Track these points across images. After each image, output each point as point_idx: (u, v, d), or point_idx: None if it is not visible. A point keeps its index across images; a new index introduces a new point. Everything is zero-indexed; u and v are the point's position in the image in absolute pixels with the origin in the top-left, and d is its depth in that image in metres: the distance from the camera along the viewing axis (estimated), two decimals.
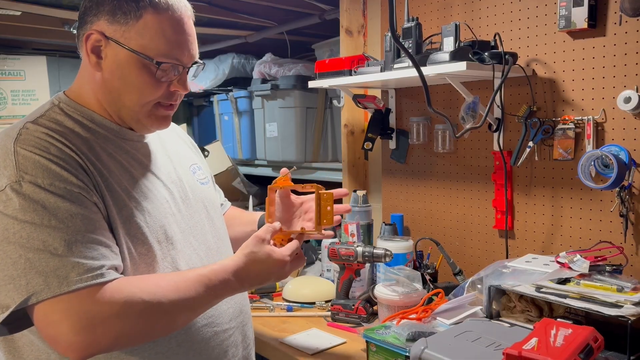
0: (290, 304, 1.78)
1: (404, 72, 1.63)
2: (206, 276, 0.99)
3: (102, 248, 0.91)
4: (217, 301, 1.05)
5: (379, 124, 2.01)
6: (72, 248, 0.87)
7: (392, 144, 2.10)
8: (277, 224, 1.13)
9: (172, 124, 1.20)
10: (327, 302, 1.77)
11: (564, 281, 1.28)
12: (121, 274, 0.95)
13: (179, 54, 1.01)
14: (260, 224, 1.37)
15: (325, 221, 1.17)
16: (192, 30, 1.03)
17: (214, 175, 2.98)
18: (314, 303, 1.79)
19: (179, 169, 1.18)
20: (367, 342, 1.33)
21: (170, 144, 1.21)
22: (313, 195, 1.21)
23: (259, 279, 1.06)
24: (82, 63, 1.06)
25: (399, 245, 1.74)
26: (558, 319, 1.21)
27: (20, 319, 0.87)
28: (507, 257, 1.71)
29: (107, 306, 0.87)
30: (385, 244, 1.74)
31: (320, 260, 2.16)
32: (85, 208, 0.91)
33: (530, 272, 1.37)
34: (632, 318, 1.10)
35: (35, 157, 0.89)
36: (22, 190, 0.86)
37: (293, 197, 1.30)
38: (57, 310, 0.84)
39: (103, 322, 0.86)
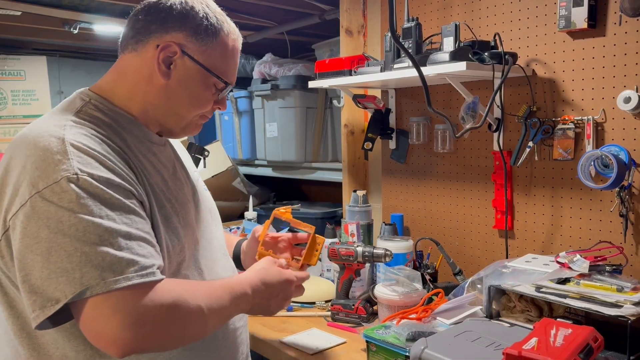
0: (290, 304, 1.78)
1: (404, 72, 1.63)
2: (230, 286, 1.03)
3: (149, 247, 0.91)
4: (236, 313, 1.07)
5: (379, 124, 2.01)
6: (127, 244, 0.87)
7: (392, 144, 2.10)
8: (282, 261, 1.22)
9: None
10: (327, 302, 1.77)
11: (563, 281, 1.28)
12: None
13: (233, 76, 1.11)
14: (237, 251, 1.43)
15: (310, 262, 1.34)
16: None
17: (214, 176, 2.99)
18: (314, 303, 1.79)
19: (190, 175, 1.21)
20: (367, 342, 1.33)
21: (179, 151, 1.24)
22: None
23: (267, 293, 1.11)
24: (126, 63, 1.05)
25: (399, 245, 1.74)
26: (558, 319, 1.21)
27: (60, 313, 0.86)
28: (507, 257, 1.71)
29: (158, 305, 0.87)
30: (385, 244, 1.74)
31: (320, 260, 2.16)
32: (135, 206, 0.92)
33: (530, 272, 1.37)
34: (632, 318, 1.10)
35: (90, 152, 0.90)
36: (79, 183, 0.86)
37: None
38: (108, 305, 0.83)
39: (151, 321, 0.87)
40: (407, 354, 1.20)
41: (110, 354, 0.85)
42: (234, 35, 1.08)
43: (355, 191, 1.99)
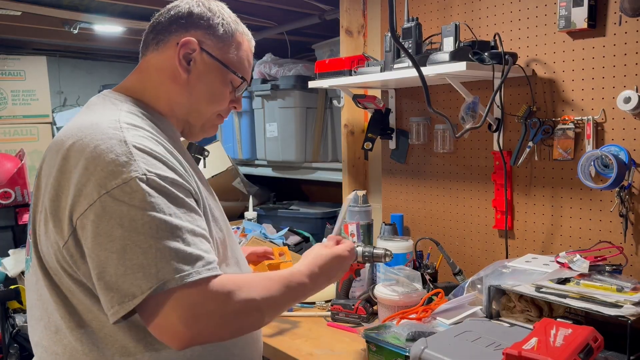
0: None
1: (403, 72, 1.63)
2: (287, 278, 1.05)
3: (208, 243, 0.94)
4: (293, 303, 1.10)
5: (379, 124, 2.01)
6: (193, 240, 0.91)
7: (392, 144, 2.10)
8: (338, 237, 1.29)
9: None
10: (327, 302, 1.77)
11: (563, 281, 1.28)
12: None
13: (248, 74, 1.16)
14: None
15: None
16: None
17: (214, 176, 2.99)
18: (314, 303, 1.79)
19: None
20: (367, 342, 1.33)
21: None
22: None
23: (326, 276, 1.14)
24: (148, 64, 1.10)
25: (399, 245, 1.74)
26: (558, 319, 1.21)
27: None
28: (507, 257, 1.71)
29: (214, 300, 0.90)
30: (385, 244, 1.74)
31: None
32: (194, 204, 0.96)
33: (530, 272, 1.37)
34: (632, 318, 1.10)
35: (152, 154, 0.93)
36: (148, 182, 0.89)
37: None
38: (170, 300, 0.86)
39: (206, 314, 0.89)
40: (407, 354, 1.20)
41: (171, 346, 0.88)
42: (248, 36, 1.16)
43: (355, 191, 1.98)
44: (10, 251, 2.81)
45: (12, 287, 2.45)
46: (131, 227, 0.86)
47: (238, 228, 2.47)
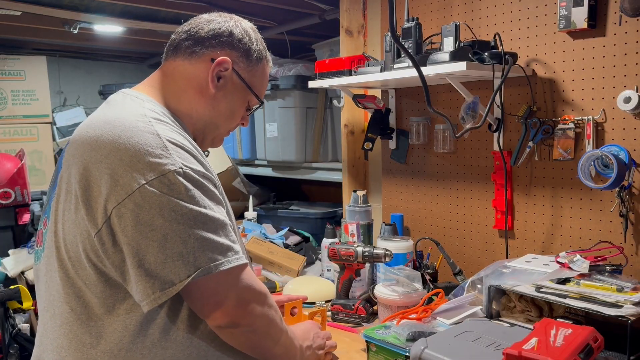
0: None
1: (404, 72, 1.63)
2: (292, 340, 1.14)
3: (233, 234, 1.01)
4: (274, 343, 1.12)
5: (379, 124, 2.01)
6: (224, 231, 0.98)
7: (392, 144, 2.10)
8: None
9: None
10: (327, 302, 1.77)
11: (564, 281, 1.28)
12: None
13: (263, 96, 1.23)
14: None
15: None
16: None
17: None
18: (314, 303, 1.78)
19: None
20: (367, 342, 1.33)
21: None
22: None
23: (302, 336, 1.23)
24: (175, 69, 1.13)
25: (399, 245, 1.74)
26: (558, 319, 1.21)
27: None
28: (507, 257, 1.71)
29: (254, 285, 1.01)
30: (385, 244, 1.74)
31: (320, 260, 2.16)
32: (219, 196, 1.02)
33: (530, 272, 1.37)
34: (632, 318, 1.10)
35: (184, 148, 0.98)
36: (185, 176, 0.94)
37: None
38: (217, 284, 0.95)
39: (255, 297, 1.00)
40: (407, 354, 1.20)
41: (219, 323, 0.97)
42: (270, 62, 1.23)
43: (355, 191, 1.99)
44: (10, 251, 2.81)
45: (12, 287, 2.45)
46: (171, 218, 0.91)
47: (238, 228, 2.47)
